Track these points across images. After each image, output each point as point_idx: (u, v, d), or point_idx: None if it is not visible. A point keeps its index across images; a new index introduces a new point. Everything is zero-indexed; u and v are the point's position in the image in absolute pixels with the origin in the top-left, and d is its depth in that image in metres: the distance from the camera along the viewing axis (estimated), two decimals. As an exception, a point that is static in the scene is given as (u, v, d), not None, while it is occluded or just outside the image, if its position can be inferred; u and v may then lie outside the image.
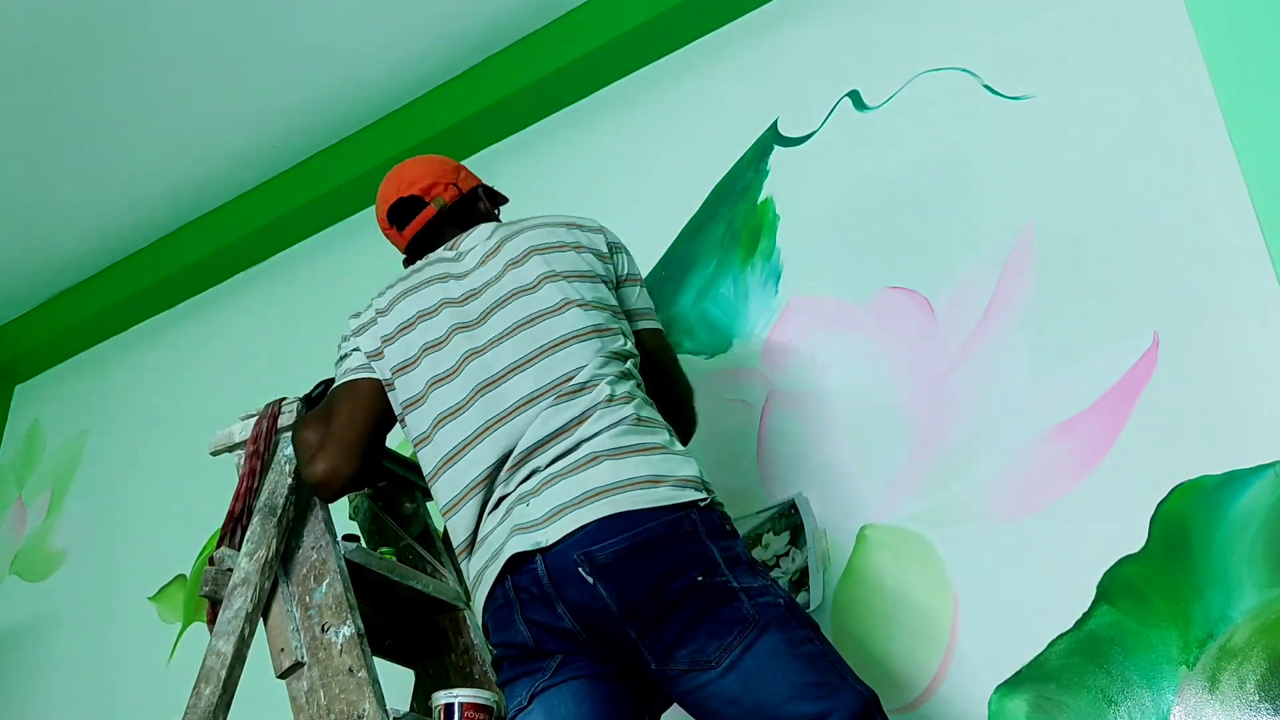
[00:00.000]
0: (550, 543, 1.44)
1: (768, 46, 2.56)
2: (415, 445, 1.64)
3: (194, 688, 1.61)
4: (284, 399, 1.88)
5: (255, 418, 1.86)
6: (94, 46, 2.84)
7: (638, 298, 1.78)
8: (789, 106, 2.45)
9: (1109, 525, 1.74)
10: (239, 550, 1.72)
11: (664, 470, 1.47)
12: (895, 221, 2.19)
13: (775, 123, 2.46)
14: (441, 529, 2.06)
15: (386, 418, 1.72)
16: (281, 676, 1.66)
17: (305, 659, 1.64)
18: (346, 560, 1.73)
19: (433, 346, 1.66)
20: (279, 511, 1.73)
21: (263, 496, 1.76)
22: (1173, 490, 1.72)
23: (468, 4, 2.79)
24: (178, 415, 3.31)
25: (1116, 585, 1.71)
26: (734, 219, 2.41)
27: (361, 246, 3.15)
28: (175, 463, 3.17)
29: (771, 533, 2.04)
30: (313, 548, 1.73)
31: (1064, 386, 1.88)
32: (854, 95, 2.36)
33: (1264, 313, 1.74)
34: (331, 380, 1.91)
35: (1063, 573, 1.76)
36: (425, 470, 1.63)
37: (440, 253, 1.80)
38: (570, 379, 1.56)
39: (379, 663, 1.72)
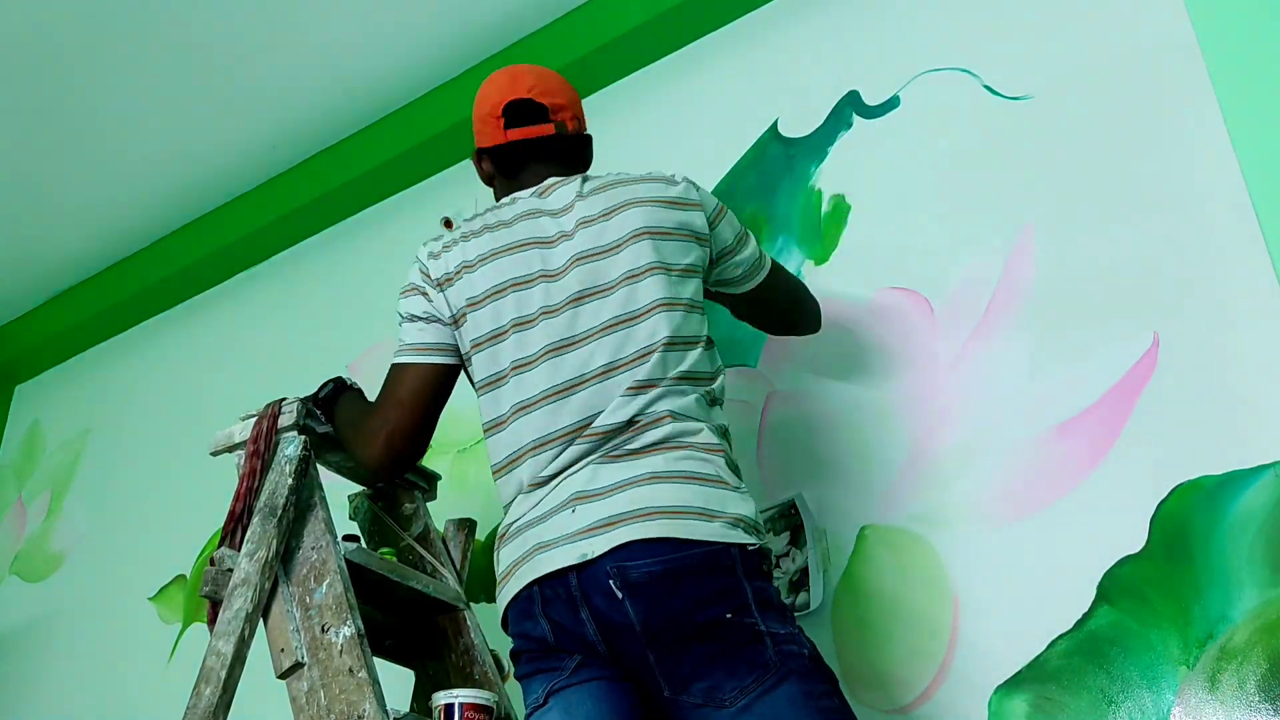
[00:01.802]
0: (594, 555, 1.42)
1: (768, 46, 2.56)
2: (486, 430, 1.61)
3: (194, 688, 1.61)
4: (284, 399, 1.88)
5: (255, 418, 1.86)
6: (94, 46, 2.84)
7: (741, 261, 1.76)
8: (789, 106, 2.45)
9: (1109, 525, 1.74)
10: (239, 550, 1.72)
11: (718, 506, 1.45)
12: (895, 221, 2.19)
13: (775, 123, 2.46)
14: (442, 529, 2.07)
15: (445, 397, 1.69)
16: (282, 677, 1.66)
17: (305, 659, 1.63)
18: (347, 560, 1.73)
19: (522, 324, 1.59)
20: (279, 512, 1.73)
21: (263, 497, 1.76)
22: (1173, 490, 1.72)
23: (468, 4, 2.79)
24: (178, 415, 3.31)
25: (1116, 585, 1.71)
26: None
27: (362, 247, 3.15)
28: (175, 463, 3.17)
29: (771, 533, 2.04)
30: (313, 548, 1.73)
31: (1064, 386, 1.88)
32: (854, 95, 2.36)
33: (1264, 313, 1.74)
34: (340, 380, 1.91)
35: (1063, 573, 1.76)
36: (490, 434, 1.60)
37: (531, 200, 1.69)
38: (647, 390, 1.52)
39: (379, 663, 1.72)
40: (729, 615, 1.39)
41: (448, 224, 2.92)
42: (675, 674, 1.40)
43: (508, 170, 1.79)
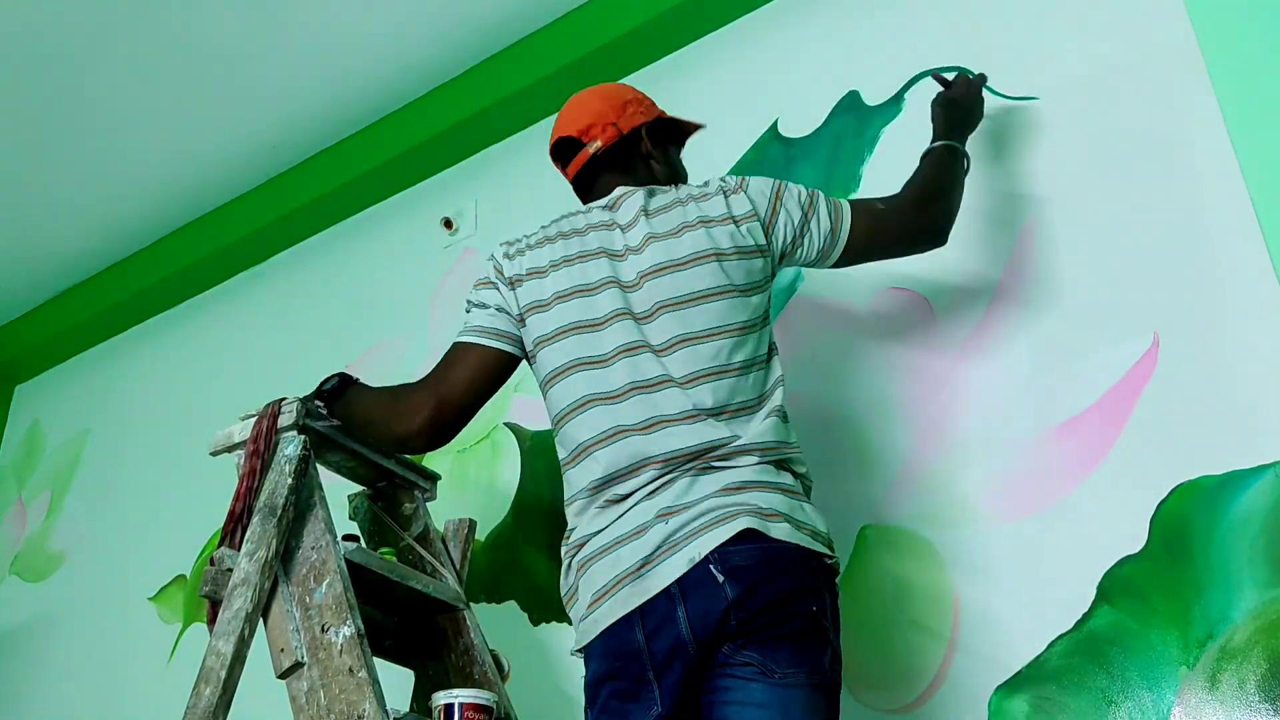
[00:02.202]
0: (700, 557, 1.44)
1: (768, 46, 2.56)
2: (556, 422, 1.64)
3: (194, 688, 1.61)
4: (284, 399, 1.88)
5: (255, 418, 1.86)
6: (94, 46, 2.84)
7: (814, 238, 1.74)
8: (789, 106, 2.45)
9: (1109, 525, 1.74)
10: (239, 550, 1.72)
11: (803, 518, 1.52)
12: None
13: (775, 123, 2.46)
14: (442, 529, 2.07)
15: (499, 384, 1.73)
16: (281, 677, 1.66)
17: (305, 659, 1.64)
18: (346, 560, 1.73)
19: (590, 326, 1.63)
20: (279, 511, 1.73)
21: (263, 496, 1.76)
22: (1173, 490, 1.72)
23: (468, 4, 2.79)
24: (178, 415, 3.31)
25: (1117, 585, 1.71)
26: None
27: (362, 247, 3.15)
28: (175, 463, 3.17)
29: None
30: (313, 548, 1.73)
31: (1064, 386, 1.88)
32: (854, 95, 2.36)
33: (1264, 313, 1.74)
34: (345, 375, 1.92)
35: (1063, 573, 1.76)
36: (558, 434, 1.64)
37: (599, 212, 1.75)
38: (724, 408, 1.56)
39: (379, 663, 1.72)
40: (815, 609, 1.47)
41: (448, 224, 2.92)
42: (744, 636, 1.43)
43: (583, 194, 1.87)
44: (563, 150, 1.86)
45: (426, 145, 3.00)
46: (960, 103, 1.99)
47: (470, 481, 2.56)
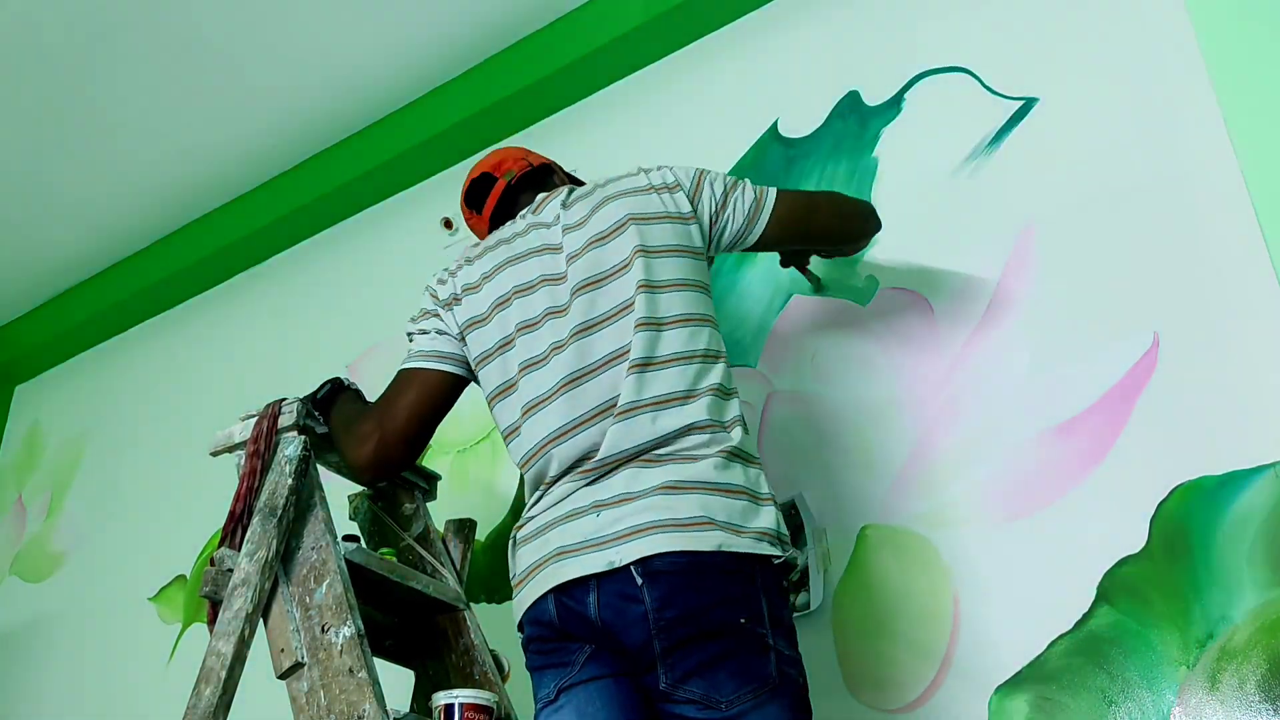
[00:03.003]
0: (622, 564, 1.43)
1: (768, 46, 2.56)
2: (505, 437, 1.64)
3: (194, 688, 1.61)
4: (284, 399, 1.88)
5: (255, 418, 1.86)
6: (94, 46, 2.84)
7: (738, 208, 1.74)
8: (789, 107, 2.45)
9: (1109, 525, 1.74)
10: (239, 551, 1.72)
11: (744, 521, 1.46)
12: (895, 222, 2.19)
13: (775, 123, 2.46)
14: (442, 529, 2.06)
15: (445, 408, 1.72)
16: (282, 677, 1.66)
17: (305, 659, 1.63)
18: (346, 560, 1.73)
19: (527, 327, 1.63)
20: (279, 512, 1.72)
21: (263, 497, 1.76)
22: (1173, 490, 1.72)
23: (468, 4, 2.79)
24: (178, 415, 3.31)
25: (1116, 586, 1.71)
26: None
27: (362, 247, 3.15)
28: (175, 463, 3.17)
29: (772, 533, 2.04)
30: (313, 548, 1.73)
31: (1064, 386, 1.88)
32: (854, 95, 2.36)
33: (1264, 313, 1.74)
34: (338, 380, 1.91)
35: (1063, 573, 1.76)
36: (508, 441, 1.64)
37: (530, 217, 1.76)
38: (669, 396, 1.52)
39: (379, 663, 1.71)
40: (743, 620, 1.41)
41: (448, 224, 2.92)
42: (677, 666, 1.40)
43: (501, 221, 1.88)
44: (477, 192, 1.90)
45: (426, 145, 3.00)
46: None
47: (470, 481, 2.56)
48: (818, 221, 1.86)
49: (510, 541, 1.62)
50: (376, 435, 1.69)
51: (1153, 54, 2.00)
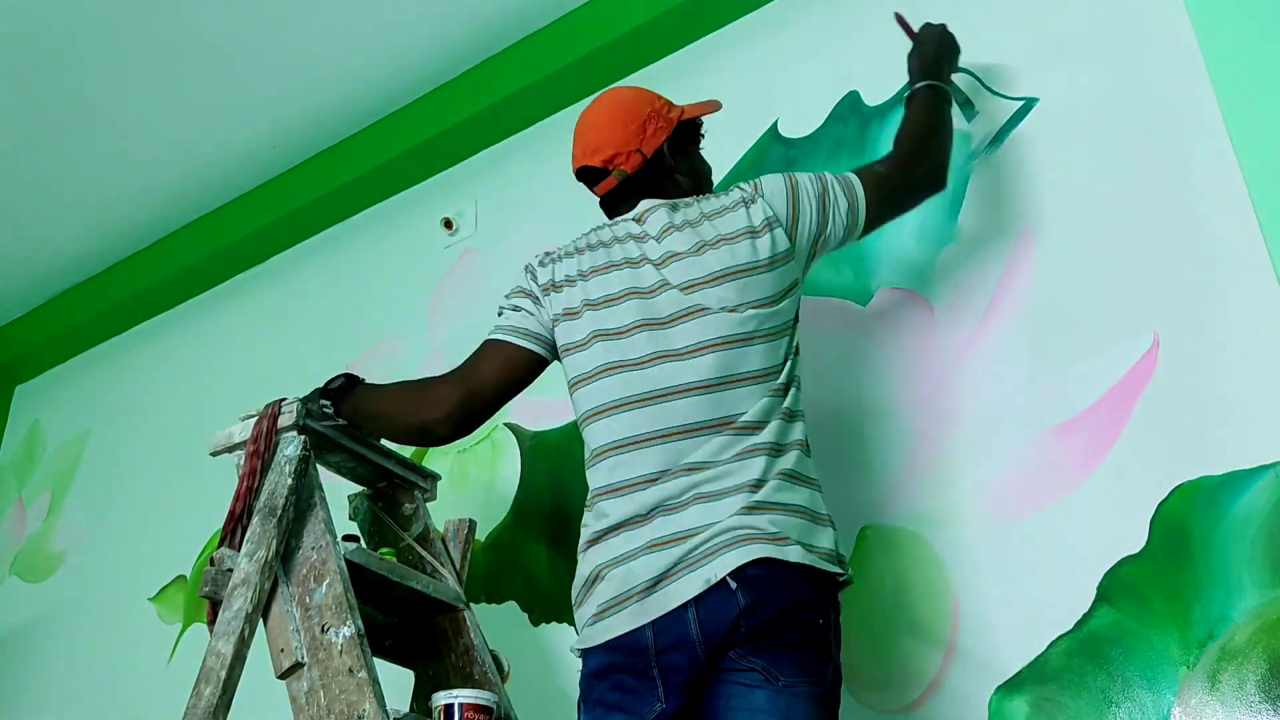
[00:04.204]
0: (718, 579, 1.46)
1: (768, 46, 2.56)
2: (583, 421, 1.66)
3: (194, 688, 1.61)
4: (284, 399, 1.88)
5: (255, 418, 1.86)
6: (94, 46, 2.84)
7: (838, 219, 1.75)
8: (789, 107, 2.45)
9: (1109, 526, 1.74)
10: (239, 551, 1.72)
11: (815, 541, 1.52)
12: (895, 222, 2.19)
13: (775, 123, 2.46)
14: (442, 529, 2.06)
15: (526, 383, 1.76)
16: (281, 677, 1.66)
17: (305, 659, 1.64)
18: (346, 560, 1.73)
19: (612, 335, 1.65)
20: (279, 512, 1.73)
21: (263, 497, 1.77)
22: (1173, 491, 1.71)
23: (468, 4, 2.79)
24: (178, 415, 3.31)
25: (1117, 586, 1.71)
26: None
27: (362, 247, 3.15)
28: (175, 463, 3.17)
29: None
30: (313, 548, 1.73)
31: (1064, 386, 1.88)
32: (854, 95, 2.36)
33: (1264, 313, 1.73)
34: (351, 375, 1.92)
35: (1063, 573, 1.76)
36: (584, 427, 1.65)
37: (629, 225, 1.77)
38: (739, 419, 1.57)
39: (379, 663, 1.72)
40: (820, 622, 1.50)
41: (448, 224, 2.92)
42: (751, 643, 1.45)
43: (610, 211, 1.87)
44: (587, 177, 1.87)
45: (426, 145, 3.00)
46: (929, 41, 2.03)
47: (470, 481, 2.56)
48: (894, 199, 1.85)
49: (581, 548, 1.60)
50: (461, 392, 1.72)
51: (1153, 54, 2.00)
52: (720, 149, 2.47)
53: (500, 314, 1.78)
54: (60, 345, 3.76)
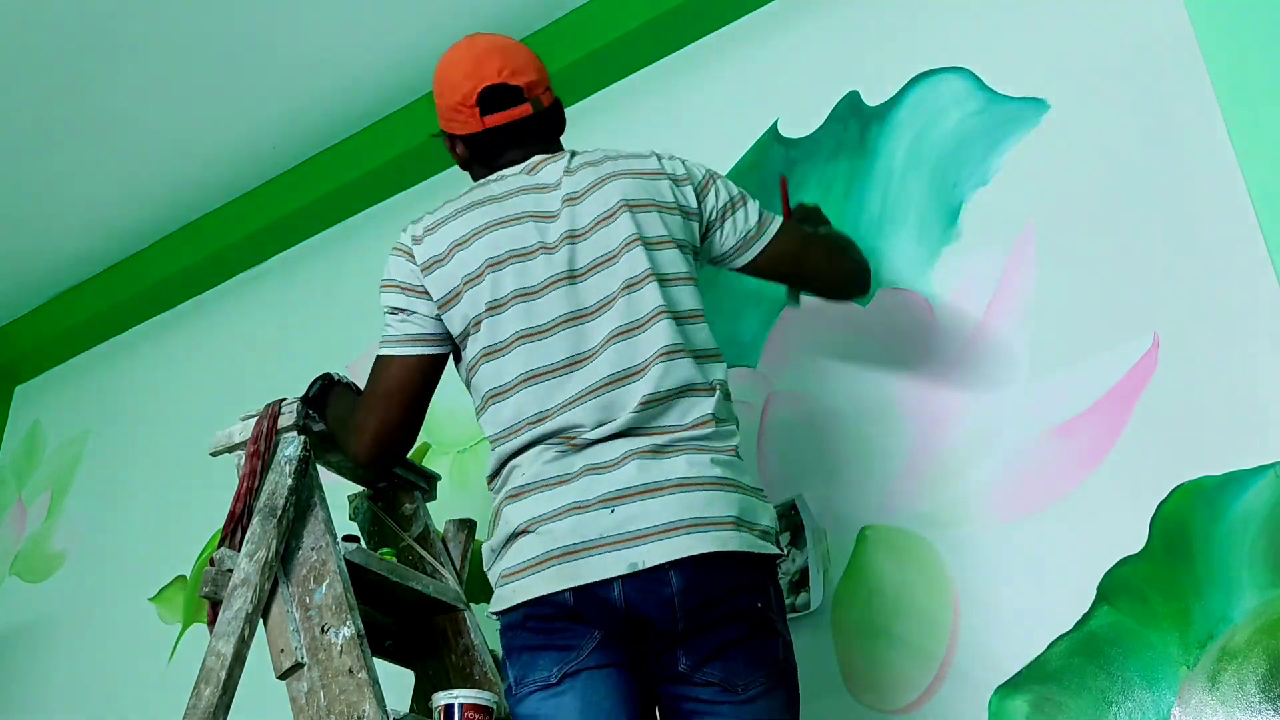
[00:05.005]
0: (646, 566, 1.40)
1: (768, 46, 2.56)
2: (488, 399, 1.57)
3: (194, 688, 1.61)
4: (284, 399, 1.88)
5: (255, 418, 1.86)
6: (94, 47, 2.84)
7: (737, 226, 1.70)
8: (789, 107, 2.44)
9: (1109, 526, 1.74)
10: (239, 551, 1.72)
11: (750, 517, 1.47)
12: (895, 223, 2.19)
13: (775, 124, 2.45)
14: (442, 529, 2.06)
15: (432, 387, 1.66)
16: (281, 677, 1.66)
17: (305, 660, 1.63)
18: (346, 561, 1.73)
19: (526, 295, 1.57)
20: (279, 512, 1.72)
21: (263, 497, 1.76)
22: (1173, 491, 1.72)
23: (468, 5, 2.78)
24: (178, 415, 3.31)
25: (1117, 586, 1.71)
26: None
27: (361, 247, 3.15)
28: (175, 463, 3.17)
29: (772, 533, 2.04)
30: (313, 548, 1.73)
31: (1064, 386, 1.88)
32: (854, 95, 2.36)
33: (1264, 313, 1.74)
34: (328, 377, 1.90)
35: (1063, 573, 1.76)
36: (481, 406, 1.58)
37: (521, 177, 1.67)
38: (668, 390, 1.50)
39: (379, 663, 1.71)
40: (759, 605, 1.45)
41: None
42: (697, 648, 1.43)
43: (485, 157, 1.75)
44: (494, 99, 1.69)
45: (427, 145, 2.99)
46: (810, 218, 1.95)
47: (470, 481, 2.56)
48: (808, 266, 1.79)
49: (494, 510, 1.54)
50: (372, 426, 1.65)
51: (1152, 54, 2.00)
52: (720, 149, 2.48)
53: (386, 318, 1.66)
54: (60, 345, 3.76)
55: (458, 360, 1.66)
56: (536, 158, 1.70)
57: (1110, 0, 2.09)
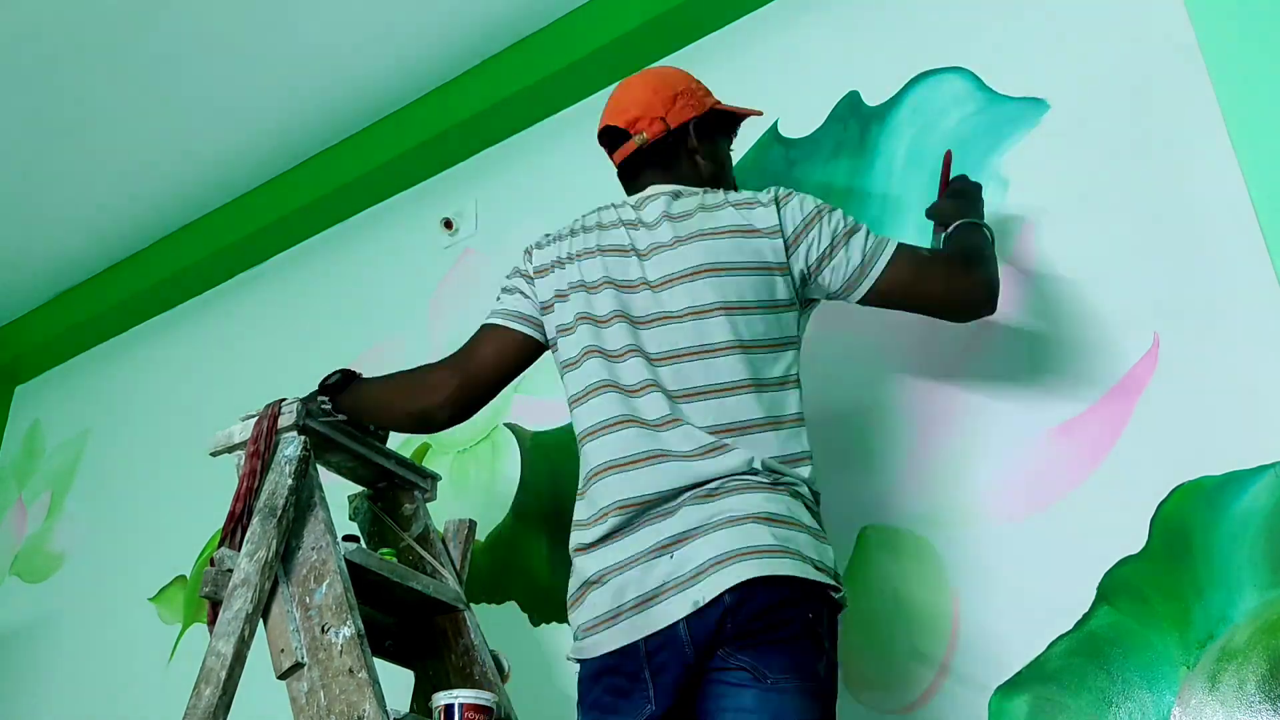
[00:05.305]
0: (707, 601, 1.43)
1: (768, 46, 2.56)
2: (571, 403, 1.66)
3: (194, 688, 1.61)
4: (284, 399, 1.88)
5: (255, 418, 1.86)
6: (95, 46, 2.84)
7: (836, 271, 1.68)
8: (789, 107, 2.45)
9: (1109, 526, 1.74)
10: (239, 551, 1.72)
11: (811, 553, 1.49)
12: (895, 222, 2.19)
13: (775, 124, 2.46)
14: (442, 529, 2.06)
15: (522, 368, 1.78)
16: (282, 677, 1.66)
17: (305, 660, 1.64)
18: (347, 561, 1.73)
19: (591, 320, 1.67)
20: (279, 512, 1.73)
21: (263, 497, 1.76)
22: (1173, 491, 1.71)
23: (468, 4, 2.79)
24: (178, 415, 3.31)
25: (1117, 586, 1.71)
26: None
27: (362, 247, 3.15)
28: (175, 463, 3.17)
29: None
30: (313, 548, 1.73)
31: (1064, 386, 1.88)
32: (854, 95, 2.36)
33: (1264, 313, 1.74)
34: (349, 370, 1.92)
35: (1063, 573, 1.76)
36: (574, 403, 1.66)
37: (627, 210, 1.77)
38: (733, 426, 1.55)
39: (379, 663, 1.72)
40: (810, 615, 1.46)
41: (448, 224, 2.92)
42: (738, 642, 1.44)
43: (626, 188, 1.88)
44: (608, 139, 1.87)
45: (426, 145, 3.00)
46: (966, 193, 1.92)
47: (470, 481, 2.56)
48: (921, 295, 1.72)
49: (573, 558, 1.59)
50: (459, 378, 1.74)
51: (1153, 54, 2.00)
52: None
53: (498, 298, 1.79)
54: (60, 345, 3.76)
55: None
56: (650, 189, 1.79)
57: (1110, 1, 2.09)
